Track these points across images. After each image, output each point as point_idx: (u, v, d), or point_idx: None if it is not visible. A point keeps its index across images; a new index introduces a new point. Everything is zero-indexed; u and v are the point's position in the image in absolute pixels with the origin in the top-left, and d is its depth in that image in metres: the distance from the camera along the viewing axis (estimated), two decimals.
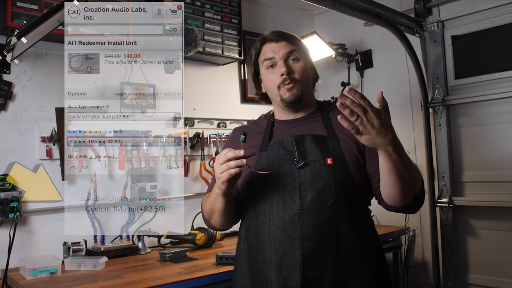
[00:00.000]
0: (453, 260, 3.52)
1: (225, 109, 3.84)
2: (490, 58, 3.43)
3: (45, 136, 2.82)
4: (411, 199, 1.57)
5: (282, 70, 1.72)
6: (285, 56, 1.75)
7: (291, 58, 1.76)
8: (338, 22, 4.30)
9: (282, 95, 1.74)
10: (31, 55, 2.81)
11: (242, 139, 1.61)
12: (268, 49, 1.79)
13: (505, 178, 3.29)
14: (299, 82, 1.74)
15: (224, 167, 1.51)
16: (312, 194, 1.60)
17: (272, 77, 1.76)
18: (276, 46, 1.78)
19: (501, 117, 3.34)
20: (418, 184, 1.58)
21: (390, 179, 1.50)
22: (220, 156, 1.53)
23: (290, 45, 1.78)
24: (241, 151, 1.50)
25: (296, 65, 1.75)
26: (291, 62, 1.75)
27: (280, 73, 1.72)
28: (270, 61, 1.77)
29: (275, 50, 1.77)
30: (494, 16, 3.36)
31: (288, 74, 1.72)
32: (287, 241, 1.59)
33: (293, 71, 1.74)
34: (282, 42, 1.78)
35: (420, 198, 1.61)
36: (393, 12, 3.33)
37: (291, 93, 1.73)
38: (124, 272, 2.47)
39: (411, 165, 1.54)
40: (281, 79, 1.72)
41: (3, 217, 2.59)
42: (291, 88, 1.72)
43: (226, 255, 2.55)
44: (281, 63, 1.74)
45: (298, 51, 1.78)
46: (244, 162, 1.49)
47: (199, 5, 3.39)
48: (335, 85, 4.23)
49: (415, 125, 3.87)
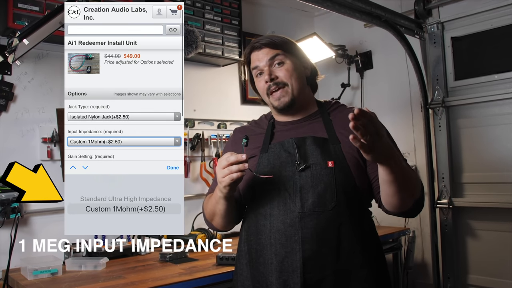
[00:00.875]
0: (452, 261, 3.53)
1: (225, 110, 3.85)
2: (490, 59, 3.44)
3: (46, 137, 2.84)
4: (411, 205, 1.58)
5: (266, 77, 1.72)
6: (268, 63, 1.74)
7: (275, 63, 1.74)
8: (338, 24, 4.30)
9: (272, 103, 1.75)
10: (32, 56, 2.82)
11: (244, 143, 1.61)
12: (254, 57, 1.78)
13: (505, 179, 3.29)
14: (287, 85, 1.72)
15: (226, 171, 1.51)
16: (313, 197, 1.60)
17: (261, 84, 1.77)
18: (260, 54, 1.76)
19: (501, 118, 3.35)
20: (417, 190, 1.59)
21: (391, 190, 1.51)
22: (222, 160, 1.53)
23: (273, 50, 1.75)
24: (243, 155, 1.50)
25: (281, 69, 1.73)
26: (276, 67, 1.74)
27: (265, 81, 1.73)
28: (257, 69, 1.77)
29: (259, 58, 1.76)
30: (494, 17, 3.37)
31: (271, 80, 1.72)
32: (287, 243, 1.59)
33: (277, 76, 1.73)
34: (265, 49, 1.76)
35: (419, 203, 1.62)
36: (393, 14, 3.34)
37: (279, 101, 1.72)
38: (125, 273, 2.47)
39: (409, 173, 1.55)
40: (267, 86, 1.73)
41: (4, 218, 2.60)
42: (279, 96, 1.72)
43: (227, 255, 2.55)
44: (266, 70, 1.73)
45: (283, 53, 1.75)
46: (246, 166, 1.49)
47: (200, 6, 3.40)
48: (335, 86, 4.24)
49: (415, 126, 3.87)
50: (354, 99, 4.31)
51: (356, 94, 4.29)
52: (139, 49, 1.63)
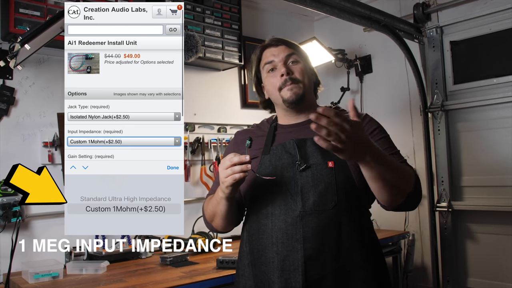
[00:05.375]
0: (452, 264, 3.53)
1: (225, 114, 3.86)
2: (489, 63, 3.46)
3: (47, 141, 2.85)
4: (403, 199, 1.57)
5: (282, 70, 1.74)
6: (284, 59, 1.77)
7: (290, 60, 1.78)
8: (338, 28, 4.32)
9: (283, 95, 1.75)
10: (33, 61, 2.83)
11: (248, 144, 1.63)
12: (268, 53, 1.82)
13: (504, 183, 3.30)
14: (301, 82, 1.75)
15: (229, 171, 1.52)
16: (314, 196, 1.61)
17: (273, 79, 1.78)
18: (276, 50, 1.80)
19: (500, 122, 3.36)
20: (409, 183, 1.57)
21: (375, 185, 1.51)
22: (225, 160, 1.54)
23: (289, 49, 1.80)
24: (247, 156, 1.51)
25: (296, 67, 1.77)
26: (290, 64, 1.77)
27: (280, 74, 1.74)
28: (271, 64, 1.79)
29: (274, 53, 1.80)
30: (493, 21, 3.39)
31: (288, 75, 1.74)
32: (289, 242, 1.61)
33: (293, 72, 1.75)
34: (281, 46, 1.81)
35: (415, 196, 1.61)
36: (392, 18, 3.36)
37: (292, 92, 1.73)
38: (126, 276, 2.48)
39: (397, 168, 1.53)
40: (282, 80, 1.74)
41: (5, 222, 2.60)
42: (292, 87, 1.74)
43: (227, 259, 2.56)
44: (281, 65, 1.76)
45: (297, 54, 1.80)
46: (249, 167, 1.51)
47: (200, 11, 3.42)
48: (335, 90, 4.25)
49: (414, 130, 3.88)
50: None
51: (356, 98, 4.30)
52: (139, 49, 1.64)
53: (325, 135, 1.27)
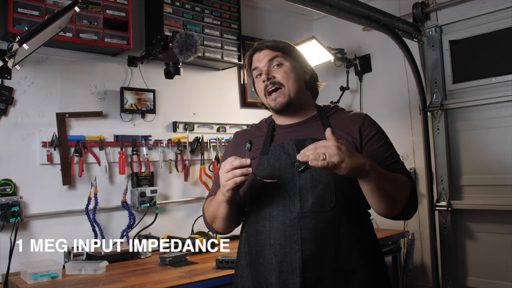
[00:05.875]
0: (452, 263, 3.54)
1: (224, 113, 3.85)
2: (488, 62, 3.46)
3: (46, 141, 2.83)
4: (399, 210, 1.62)
5: (263, 76, 1.75)
6: (267, 64, 1.77)
7: (274, 64, 1.77)
8: (337, 27, 4.32)
9: (269, 103, 1.78)
10: (32, 60, 2.83)
11: (248, 147, 1.62)
12: (255, 59, 1.82)
13: (503, 182, 3.31)
14: (284, 86, 1.75)
15: (229, 175, 1.52)
16: (312, 197, 1.61)
17: (259, 85, 1.80)
18: (260, 55, 1.80)
19: (499, 121, 3.37)
20: (404, 196, 1.62)
21: (373, 198, 1.56)
22: (226, 164, 1.54)
23: (273, 52, 1.79)
24: (247, 160, 1.51)
25: (279, 70, 1.76)
26: (274, 68, 1.77)
27: (262, 80, 1.75)
28: (257, 70, 1.80)
29: (259, 59, 1.80)
30: (492, 21, 3.40)
31: (268, 80, 1.75)
32: (287, 244, 1.60)
33: (274, 76, 1.75)
34: (266, 51, 1.80)
35: (410, 207, 1.65)
36: (391, 17, 3.35)
37: (275, 102, 1.75)
38: (125, 276, 2.47)
39: (393, 181, 1.58)
40: (264, 85, 1.76)
41: (4, 222, 2.60)
42: (275, 97, 1.75)
43: (226, 259, 2.56)
44: (264, 70, 1.76)
45: (282, 56, 1.78)
46: (249, 170, 1.51)
47: (199, 10, 3.41)
48: (334, 90, 4.25)
49: (414, 129, 3.89)
50: (353, 102, 4.32)
51: (355, 97, 4.31)
52: None
53: (314, 159, 1.37)
